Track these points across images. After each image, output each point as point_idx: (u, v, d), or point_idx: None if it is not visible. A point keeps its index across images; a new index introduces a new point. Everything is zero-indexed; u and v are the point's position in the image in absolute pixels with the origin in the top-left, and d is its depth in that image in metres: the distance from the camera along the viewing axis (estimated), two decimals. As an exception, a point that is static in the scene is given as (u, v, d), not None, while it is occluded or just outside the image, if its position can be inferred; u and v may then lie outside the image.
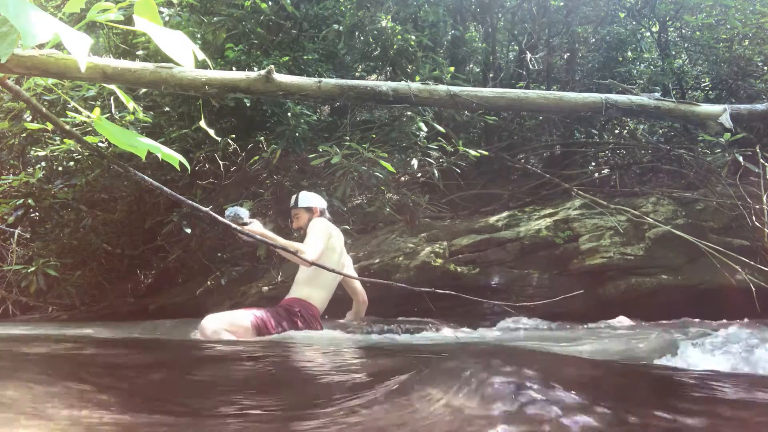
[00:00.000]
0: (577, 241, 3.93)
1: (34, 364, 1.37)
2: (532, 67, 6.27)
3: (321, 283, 3.10)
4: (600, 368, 1.40)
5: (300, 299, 3.04)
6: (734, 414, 1.00)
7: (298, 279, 3.18)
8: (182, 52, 1.25)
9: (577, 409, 0.89)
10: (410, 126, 4.52)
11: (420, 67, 4.63)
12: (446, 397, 0.95)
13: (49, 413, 0.87)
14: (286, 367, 1.69)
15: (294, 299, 3.05)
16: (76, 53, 1.05)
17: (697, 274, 3.76)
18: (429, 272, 3.80)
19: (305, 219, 3.33)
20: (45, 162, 4.43)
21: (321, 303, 3.10)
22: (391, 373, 1.20)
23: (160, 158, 1.43)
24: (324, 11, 4.83)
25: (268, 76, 2.14)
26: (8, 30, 1.11)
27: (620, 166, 5.62)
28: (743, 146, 4.10)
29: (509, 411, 0.87)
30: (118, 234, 4.60)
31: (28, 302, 4.71)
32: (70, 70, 1.82)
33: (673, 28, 6.11)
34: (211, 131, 2.42)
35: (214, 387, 1.29)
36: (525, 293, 3.73)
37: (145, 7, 1.33)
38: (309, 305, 3.03)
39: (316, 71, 4.42)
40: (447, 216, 4.89)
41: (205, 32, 4.10)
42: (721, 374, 1.50)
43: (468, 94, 2.42)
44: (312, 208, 3.36)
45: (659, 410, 0.94)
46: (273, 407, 1.09)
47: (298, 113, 4.19)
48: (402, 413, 0.91)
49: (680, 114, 2.61)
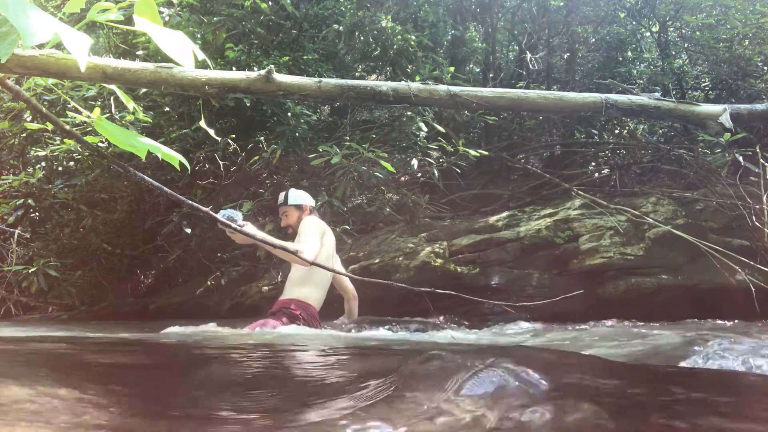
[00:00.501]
0: (577, 241, 3.93)
1: (34, 364, 1.37)
2: (532, 67, 6.27)
3: (317, 281, 3.07)
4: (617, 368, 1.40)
5: (297, 299, 3.00)
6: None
7: (293, 279, 3.11)
8: (182, 52, 1.25)
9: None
10: (410, 126, 4.52)
11: (420, 67, 4.63)
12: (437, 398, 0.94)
13: (49, 415, 0.87)
14: (286, 367, 1.69)
15: (291, 300, 3.01)
16: (76, 53, 1.05)
17: (697, 274, 3.76)
18: (429, 272, 3.80)
19: (295, 217, 3.29)
20: (45, 162, 4.43)
21: (318, 302, 3.06)
22: (382, 373, 1.20)
23: (160, 158, 1.43)
24: (324, 11, 4.83)
25: (268, 76, 2.14)
26: (8, 30, 1.11)
27: (620, 166, 5.62)
28: (743, 146, 4.10)
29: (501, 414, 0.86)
30: (118, 234, 4.60)
31: (29, 302, 4.71)
32: (70, 70, 1.82)
33: (673, 28, 6.11)
34: (211, 131, 2.42)
35: (214, 387, 1.29)
36: (525, 293, 3.72)
37: (145, 7, 1.33)
38: (307, 305, 3.00)
39: (316, 71, 4.42)
40: (447, 216, 4.90)
41: (205, 32, 4.11)
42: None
43: (468, 94, 2.42)
44: (302, 206, 3.31)
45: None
46: (273, 406, 1.09)
47: (298, 113, 4.19)
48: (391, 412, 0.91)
49: (680, 114, 2.61)
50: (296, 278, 3.10)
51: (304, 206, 3.30)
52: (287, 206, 3.31)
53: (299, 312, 2.95)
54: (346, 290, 3.44)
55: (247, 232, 1.88)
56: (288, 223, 3.32)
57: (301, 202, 3.31)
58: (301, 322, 2.91)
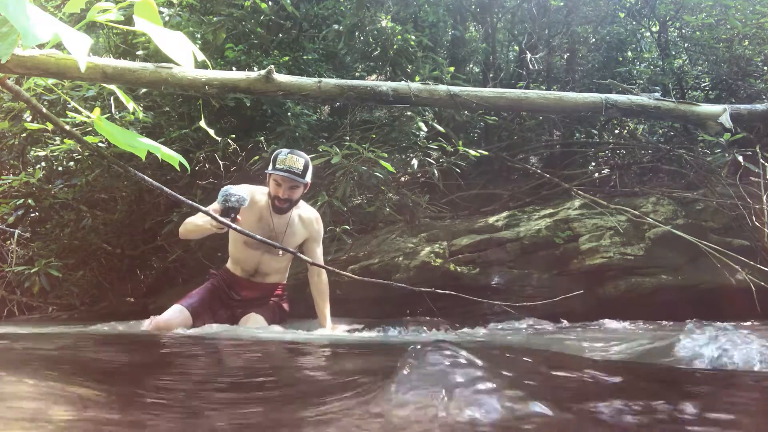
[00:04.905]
0: (577, 241, 3.93)
1: (34, 364, 1.37)
2: (532, 67, 6.27)
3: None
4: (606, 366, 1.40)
5: (284, 284, 3.30)
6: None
7: (279, 269, 3.20)
8: (182, 52, 1.25)
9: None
10: (410, 126, 4.52)
11: (420, 67, 4.63)
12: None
13: (49, 414, 0.87)
14: (285, 367, 1.69)
15: (278, 285, 3.24)
16: (76, 53, 1.06)
17: (697, 274, 3.75)
18: (429, 272, 3.80)
19: (300, 193, 2.94)
20: (45, 162, 4.43)
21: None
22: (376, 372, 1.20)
23: (160, 158, 1.43)
24: (324, 11, 4.83)
25: (268, 76, 2.15)
26: (8, 30, 1.11)
27: (620, 166, 5.62)
28: (743, 146, 4.10)
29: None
30: (118, 234, 4.60)
31: (30, 303, 4.71)
32: (70, 70, 1.82)
33: (673, 28, 6.10)
34: (211, 131, 2.43)
35: (214, 384, 1.29)
36: (525, 293, 3.72)
37: (145, 7, 1.33)
38: (285, 286, 3.31)
39: (316, 71, 4.42)
40: (447, 216, 4.89)
41: (205, 32, 4.11)
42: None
43: (468, 94, 2.43)
44: (308, 185, 2.97)
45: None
46: (271, 406, 1.09)
47: (298, 113, 4.19)
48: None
49: (680, 114, 2.61)
50: (283, 268, 3.23)
51: (308, 184, 2.97)
52: (303, 182, 2.88)
53: (286, 294, 3.27)
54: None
55: (244, 231, 1.87)
56: (291, 197, 2.88)
57: (310, 180, 2.96)
58: (286, 303, 3.23)
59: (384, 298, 3.73)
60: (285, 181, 2.83)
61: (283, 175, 2.80)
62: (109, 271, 4.75)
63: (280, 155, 2.85)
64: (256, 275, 3.12)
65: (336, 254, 4.12)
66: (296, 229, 3.05)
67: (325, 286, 3.10)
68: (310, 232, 3.10)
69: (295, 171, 2.81)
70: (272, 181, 2.89)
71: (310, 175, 2.92)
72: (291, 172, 2.80)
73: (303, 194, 3.00)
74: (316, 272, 3.09)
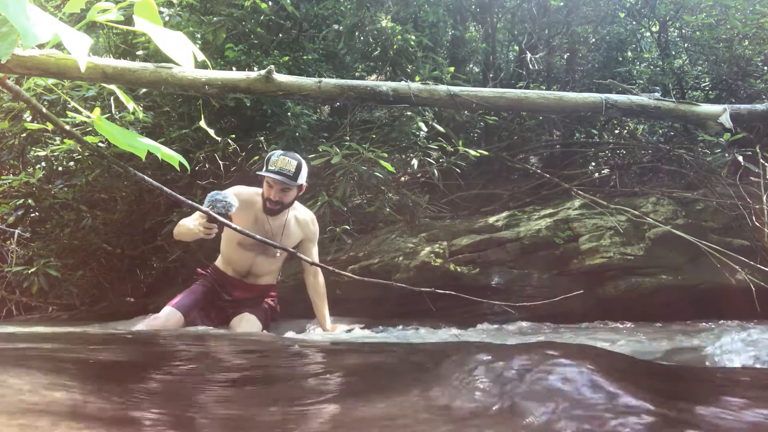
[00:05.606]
0: (577, 241, 3.93)
1: (34, 363, 1.37)
2: (532, 67, 6.27)
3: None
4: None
5: (275, 285, 3.34)
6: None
7: (272, 270, 3.22)
8: (182, 52, 1.25)
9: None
10: (410, 126, 4.52)
11: (420, 67, 4.63)
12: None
13: (49, 413, 0.87)
14: (284, 365, 1.69)
15: (271, 286, 3.26)
16: (76, 53, 1.06)
17: (697, 274, 3.75)
18: (429, 272, 3.80)
19: (293, 196, 2.91)
20: (45, 162, 4.43)
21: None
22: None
23: (160, 158, 1.43)
24: (324, 11, 4.83)
25: (268, 76, 2.15)
26: (8, 30, 1.11)
27: (620, 166, 5.62)
28: (743, 146, 4.09)
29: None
30: (118, 234, 4.60)
31: (29, 303, 4.71)
32: (70, 70, 1.82)
33: (673, 28, 6.10)
34: (211, 131, 2.43)
35: (213, 383, 1.29)
36: (525, 293, 3.72)
37: (145, 7, 1.33)
38: (275, 287, 3.33)
39: (316, 71, 4.42)
40: (447, 216, 4.89)
41: (205, 32, 4.11)
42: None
43: (468, 94, 2.43)
44: (302, 186, 2.92)
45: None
46: (270, 405, 1.09)
47: (298, 113, 4.19)
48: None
49: (680, 114, 2.61)
50: (276, 269, 3.27)
51: (303, 186, 2.93)
52: (295, 185, 2.84)
53: (276, 294, 3.29)
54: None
55: (241, 230, 1.86)
56: (282, 199, 2.84)
57: (305, 182, 2.92)
58: (275, 302, 3.26)
59: (384, 298, 3.73)
60: (276, 183, 2.81)
61: (274, 177, 2.77)
62: (109, 271, 4.75)
63: (273, 157, 2.82)
64: (249, 276, 3.11)
65: (336, 254, 4.11)
66: (292, 231, 3.05)
67: (322, 287, 3.08)
68: (306, 234, 3.10)
69: (286, 173, 2.77)
70: (264, 182, 2.87)
71: (304, 177, 2.88)
72: (281, 174, 2.77)
73: (297, 196, 2.97)
74: (313, 273, 3.06)
